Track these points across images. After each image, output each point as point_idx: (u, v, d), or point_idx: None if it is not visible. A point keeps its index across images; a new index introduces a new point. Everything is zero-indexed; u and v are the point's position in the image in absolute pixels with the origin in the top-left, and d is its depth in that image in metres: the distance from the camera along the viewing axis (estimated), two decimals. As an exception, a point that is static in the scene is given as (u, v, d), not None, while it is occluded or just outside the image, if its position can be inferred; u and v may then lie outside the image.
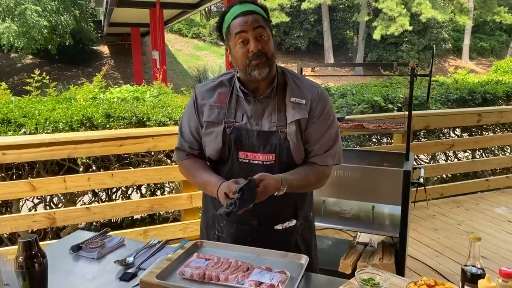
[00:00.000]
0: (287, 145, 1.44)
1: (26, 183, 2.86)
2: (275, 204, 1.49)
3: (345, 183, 2.58)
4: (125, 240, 1.59)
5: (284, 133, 1.43)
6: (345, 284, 1.19)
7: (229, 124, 1.46)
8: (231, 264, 1.29)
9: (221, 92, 1.51)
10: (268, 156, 1.45)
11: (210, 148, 1.50)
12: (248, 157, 1.46)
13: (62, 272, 1.36)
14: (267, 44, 1.40)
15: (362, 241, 2.91)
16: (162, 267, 1.27)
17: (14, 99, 4.00)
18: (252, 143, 1.45)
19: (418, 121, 3.97)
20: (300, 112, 1.45)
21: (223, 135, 1.46)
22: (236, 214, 1.27)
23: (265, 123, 1.45)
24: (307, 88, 1.50)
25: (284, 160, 1.45)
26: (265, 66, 1.39)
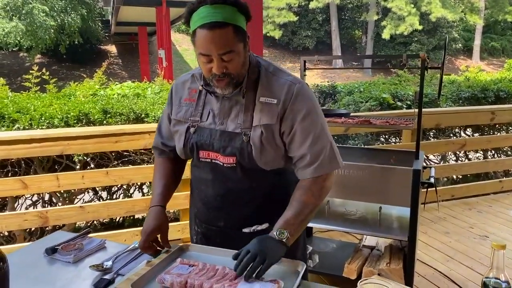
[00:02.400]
0: (249, 149, 1.29)
1: (17, 180, 2.75)
2: (244, 208, 1.39)
3: (350, 183, 2.42)
4: (106, 242, 1.46)
5: (248, 136, 1.29)
6: (346, 296, 1.04)
7: (194, 123, 1.37)
8: (217, 271, 1.15)
9: (191, 87, 1.41)
10: (228, 158, 1.32)
11: (177, 146, 1.43)
12: (210, 156, 1.36)
13: (31, 278, 1.23)
14: (233, 65, 1.23)
15: (369, 245, 2.76)
16: (141, 274, 1.13)
17: (12, 94, 3.90)
18: (213, 143, 1.33)
19: (429, 119, 3.79)
20: (269, 114, 1.28)
21: (185, 135, 1.37)
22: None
23: (230, 123, 1.32)
24: (280, 85, 1.30)
25: (247, 165, 1.32)
26: (229, 86, 1.26)
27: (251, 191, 1.38)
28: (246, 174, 1.33)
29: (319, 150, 1.30)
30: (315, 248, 2.86)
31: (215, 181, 1.38)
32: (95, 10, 19.60)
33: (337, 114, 2.57)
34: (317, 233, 3.26)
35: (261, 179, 1.36)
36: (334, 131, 3.57)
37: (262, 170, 1.32)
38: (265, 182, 1.38)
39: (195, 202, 1.50)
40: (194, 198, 1.50)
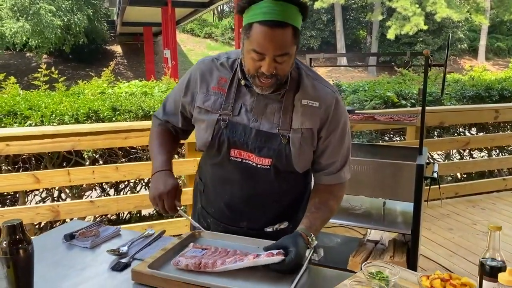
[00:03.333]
0: (287, 152, 1.27)
1: (30, 175, 2.82)
2: (267, 212, 1.40)
3: (355, 178, 2.44)
4: (121, 230, 1.52)
5: (287, 138, 1.26)
6: (351, 278, 1.09)
7: (224, 116, 1.29)
8: (229, 253, 1.21)
9: (221, 76, 1.33)
10: (264, 160, 1.28)
11: (200, 138, 1.35)
12: (242, 156, 1.30)
13: (52, 262, 1.29)
14: (284, 66, 1.19)
15: (373, 239, 2.81)
16: (156, 257, 1.19)
17: (22, 92, 3.99)
18: (247, 142, 1.28)
19: (432, 118, 3.84)
20: (312, 118, 1.27)
21: (215, 128, 1.30)
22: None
23: (265, 122, 1.28)
24: (324, 90, 1.30)
25: (282, 167, 1.30)
26: (271, 86, 1.21)
27: (281, 193, 1.37)
28: (279, 176, 1.31)
29: (345, 160, 1.37)
30: (320, 242, 2.88)
31: (245, 182, 1.33)
32: (101, 11, 19.78)
33: (342, 111, 2.62)
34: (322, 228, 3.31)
35: (292, 181, 1.38)
36: (339, 129, 3.62)
37: (295, 172, 1.32)
38: (294, 184, 1.40)
39: (212, 202, 1.44)
40: (212, 198, 1.44)
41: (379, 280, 1.04)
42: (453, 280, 0.99)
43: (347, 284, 1.04)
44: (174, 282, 1.09)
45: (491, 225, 0.92)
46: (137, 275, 1.15)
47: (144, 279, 1.14)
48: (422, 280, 1.02)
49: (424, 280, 1.01)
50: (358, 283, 1.02)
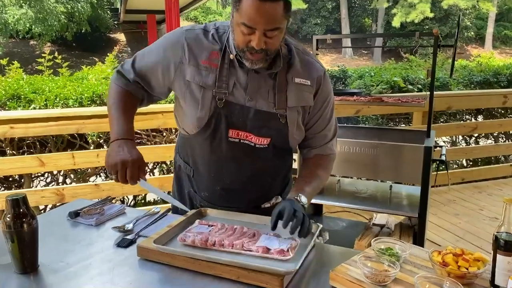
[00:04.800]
0: (285, 131, 1.28)
1: (35, 158, 2.81)
2: (263, 189, 1.41)
3: (361, 161, 2.45)
4: (126, 208, 1.51)
5: (284, 117, 1.27)
6: (359, 254, 1.07)
7: (220, 94, 1.23)
8: (236, 230, 1.19)
9: (213, 49, 1.24)
10: (262, 139, 1.28)
11: (191, 116, 1.26)
12: (239, 136, 1.27)
13: (57, 237, 1.28)
14: (274, 41, 1.15)
15: (379, 223, 2.78)
16: (161, 233, 1.18)
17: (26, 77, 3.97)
18: (246, 122, 1.25)
19: (440, 102, 3.79)
20: (306, 96, 1.29)
21: (211, 107, 1.24)
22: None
23: (261, 101, 1.24)
24: (313, 66, 1.32)
25: (279, 145, 1.32)
26: (261, 61, 1.18)
27: (277, 169, 1.40)
28: (276, 154, 1.32)
29: (335, 130, 1.43)
30: (325, 226, 2.88)
31: (244, 162, 1.31)
32: (104, -2, 19.64)
33: (349, 93, 2.58)
34: (327, 213, 3.30)
35: (286, 156, 1.41)
36: (344, 113, 3.59)
37: (289, 150, 1.37)
38: (287, 159, 1.44)
39: (206, 186, 1.39)
40: (206, 182, 1.39)
41: (388, 256, 1.02)
42: (465, 255, 0.96)
43: (356, 260, 1.02)
44: (180, 257, 1.08)
45: (506, 198, 0.90)
46: (143, 251, 1.13)
47: (149, 254, 1.12)
48: (433, 255, 1.00)
49: (435, 256, 0.99)
50: (368, 259, 1.00)
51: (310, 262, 1.12)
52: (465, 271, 0.93)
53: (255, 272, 1.00)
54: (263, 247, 1.08)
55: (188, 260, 1.07)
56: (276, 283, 0.98)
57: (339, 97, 2.51)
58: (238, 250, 1.10)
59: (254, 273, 1.00)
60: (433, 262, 0.97)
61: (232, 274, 1.02)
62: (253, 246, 1.10)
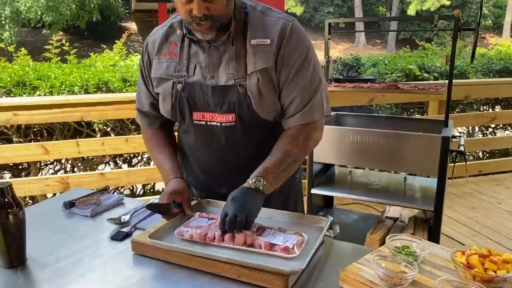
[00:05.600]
0: (248, 101, 1.16)
1: (39, 145, 2.76)
2: (244, 172, 1.25)
3: (374, 151, 2.33)
4: (124, 198, 1.43)
5: (244, 87, 1.15)
6: (373, 252, 0.98)
7: (180, 79, 1.20)
8: None
9: (171, 40, 1.23)
10: (227, 116, 1.18)
11: (163, 110, 1.26)
12: (205, 118, 1.21)
13: (49, 229, 1.21)
14: (216, 5, 1.08)
15: (392, 216, 2.68)
16: (158, 226, 1.09)
17: (32, 63, 3.93)
18: (207, 101, 1.18)
19: (458, 91, 3.62)
20: (264, 57, 1.14)
21: (172, 94, 1.21)
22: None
23: (222, 75, 1.17)
24: (273, 23, 1.16)
25: (248, 120, 1.19)
26: (211, 30, 1.11)
27: (253, 150, 1.26)
28: (247, 132, 1.21)
29: (308, 96, 1.19)
30: (336, 219, 2.81)
31: (213, 145, 1.24)
32: (116, -14, 19.56)
33: (362, 80, 2.46)
34: (338, 205, 3.20)
35: (262, 133, 1.25)
36: (357, 102, 3.46)
37: (263, 123, 1.21)
38: (266, 137, 1.26)
39: (190, 170, 1.37)
40: (189, 166, 1.36)
41: (405, 255, 0.92)
42: (493, 256, 0.86)
43: (369, 259, 0.92)
44: (177, 253, 0.99)
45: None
46: (137, 246, 1.05)
47: (144, 249, 1.04)
48: (456, 256, 0.89)
49: (459, 256, 0.89)
50: (382, 258, 0.90)
51: (318, 260, 1.03)
52: (492, 275, 0.83)
53: (257, 271, 0.91)
54: (266, 243, 0.99)
55: (185, 257, 0.99)
56: (280, 283, 0.89)
57: (351, 84, 2.40)
58: (239, 246, 1.01)
59: (256, 272, 0.91)
60: (456, 264, 0.87)
61: (232, 273, 0.94)
62: (256, 241, 1.01)
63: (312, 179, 2.53)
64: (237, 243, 1.02)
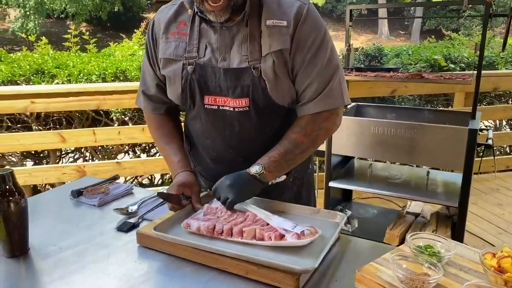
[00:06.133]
0: (263, 85, 1.09)
1: (56, 134, 2.77)
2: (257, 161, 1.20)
3: (396, 144, 2.24)
4: (134, 188, 1.39)
5: (258, 69, 1.08)
6: (393, 251, 0.90)
7: (190, 60, 1.12)
8: (247, 217, 1.04)
9: (180, 20, 1.16)
10: (240, 101, 1.11)
11: (171, 93, 1.19)
12: (217, 102, 1.14)
13: (55, 218, 1.18)
14: None
15: (413, 211, 2.58)
16: (164, 218, 1.04)
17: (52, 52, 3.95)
18: (219, 84, 1.11)
19: (486, 82, 3.45)
20: (280, 39, 1.08)
21: (182, 76, 1.13)
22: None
23: (235, 57, 1.10)
24: (288, 4, 1.10)
25: (262, 105, 1.12)
26: (225, 11, 1.04)
27: (267, 137, 1.18)
28: (261, 118, 1.14)
29: (325, 82, 1.11)
30: (354, 213, 2.72)
31: (225, 132, 1.17)
32: (138, -23, 19.65)
33: (385, 69, 2.35)
34: (357, 199, 3.11)
35: (277, 120, 1.18)
36: (379, 92, 3.34)
37: (278, 109, 1.14)
38: (281, 124, 1.19)
39: (198, 159, 1.30)
40: (197, 155, 1.30)
41: (429, 256, 0.84)
42: (528, 260, 0.78)
43: (389, 259, 0.85)
44: (182, 247, 0.94)
45: None
46: (143, 238, 1.01)
47: (150, 242, 1.00)
48: (486, 258, 0.81)
49: (489, 259, 0.81)
50: (403, 259, 0.83)
51: (333, 258, 0.96)
52: (527, 280, 0.74)
53: (266, 268, 0.85)
54: (276, 234, 0.92)
55: (191, 251, 0.93)
56: (291, 282, 0.83)
57: (374, 73, 2.30)
58: (249, 240, 0.95)
59: (264, 269, 0.85)
60: (486, 267, 0.79)
61: (239, 269, 0.88)
62: (266, 234, 0.94)
63: (331, 172, 2.45)
64: (246, 237, 0.96)
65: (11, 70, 3.12)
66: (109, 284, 0.85)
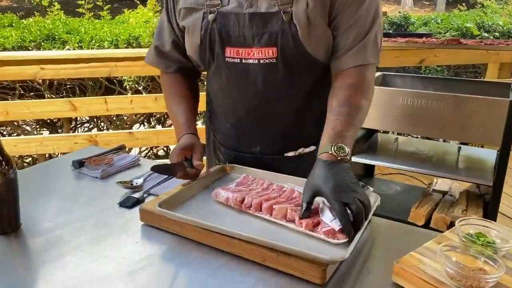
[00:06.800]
0: (293, 31, 0.94)
1: (66, 102, 2.67)
2: (285, 126, 1.06)
3: (424, 117, 2.05)
4: (140, 159, 1.27)
5: (289, 13, 0.93)
6: (437, 238, 0.76)
7: (211, 8, 0.99)
8: (283, 193, 0.91)
9: None
10: (267, 51, 0.97)
11: (189, 47, 1.07)
12: (239, 55, 0.99)
13: (53, 190, 1.07)
14: None
15: (439, 189, 2.42)
16: (172, 193, 0.92)
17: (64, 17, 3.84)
18: (243, 33, 0.98)
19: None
20: None
21: (202, 26, 1.01)
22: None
23: (263, 2, 0.96)
24: None
25: (292, 56, 0.96)
26: None
27: (296, 100, 1.04)
28: (290, 73, 0.99)
29: (363, 31, 0.97)
30: (377, 190, 2.58)
31: (248, 90, 1.04)
32: None
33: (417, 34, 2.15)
34: (379, 174, 2.96)
35: (309, 79, 1.03)
36: (406, 62, 3.12)
37: (312, 64, 0.99)
38: (314, 85, 1.04)
39: (218, 125, 1.19)
40: (217, 120, 1.19)
41: (482, 247, 0.70)
42: None
43: (431, 248, 0.72)
44: (190, 227, 0.82)
45: None
46: (146, 215, 0.89)
47: (154, 220, 0.88)
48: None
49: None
50: (452, 250, 0.69)
51: (363, 244, 0.83)
52: None
53: (287, 256, 0.72)
54: (308, 222, 0.79)
55: (200, 232, 0.81)
56: (316, 274, 0.70)
57: (404, 38, 2.10)
58: (277, 220, 0.83)
59: (285, 257, 0.72)
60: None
61: (255, 255, 0.76)
62: (297, 216, 0.81)
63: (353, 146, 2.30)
64: (276, 215, 0.83)
65: (21, 36, 3.02)
66: (105, 269, 0.74)
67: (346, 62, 0.98)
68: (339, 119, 0.92)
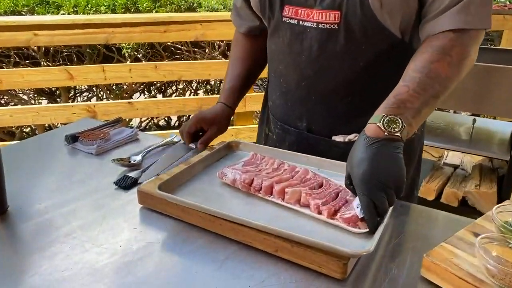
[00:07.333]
0: None
1: (63, 70, 2.55)
2: (338, 103, 0.90)
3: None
4: (139, 134, 1.18)
5: None
6: (469, 227, 0.68)
7: None
8: (296, 174, 0.82)
9: None
10: (328, 14, 0.83)
11: (252, 2, 1.00)
12: (298, 15, 0.88)
13: (44, 169, 0.99)
14: None
15: (451, 163, 2.34)
16: (174, 173, 0.84)
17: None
18: None
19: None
20: None
21: None
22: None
23: None
24: None
25: (357, 24, 0.82)
26: None
27: (355, 75, 0.87)
28: (352, 43, 0.84)
29: None
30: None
31: (301, 56, 0.90)
32: None
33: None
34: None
35: (375, 53, 0.85)
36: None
37: (381, 36, 0.83)
38: (381, 61, 0.87)
39: (270, 91, 1.06)
40: (270, 86, 1.06)
41: (524, 238, 0.62)
42: None
43: (464, 237, 0.64)
44: (194, 212, 0.74)
45: None
46: (145, 197, 0.81)
47: (153, 203, 0.80)
48: None
49: None
50: (490, 242, 0.61)
51: (385, 233, 0.75)
52: None
53: (303, 247, 0.64)
54: (328, 208, 0.70)
55: (205, 217, 0.73)
56: (335, 268, 0.62)
57: None
58: (290, 205, 0.75)
59: (300, 248, 0.64)
60: None
61: (267, 245, 0.68)
62: (313, 200, 0.73)
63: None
64: (289, 200, 0.75)
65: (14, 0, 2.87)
66: (98, 260, 0.67)
67: (442, 23, 0.78)
68: (407, 85, 0.74)
